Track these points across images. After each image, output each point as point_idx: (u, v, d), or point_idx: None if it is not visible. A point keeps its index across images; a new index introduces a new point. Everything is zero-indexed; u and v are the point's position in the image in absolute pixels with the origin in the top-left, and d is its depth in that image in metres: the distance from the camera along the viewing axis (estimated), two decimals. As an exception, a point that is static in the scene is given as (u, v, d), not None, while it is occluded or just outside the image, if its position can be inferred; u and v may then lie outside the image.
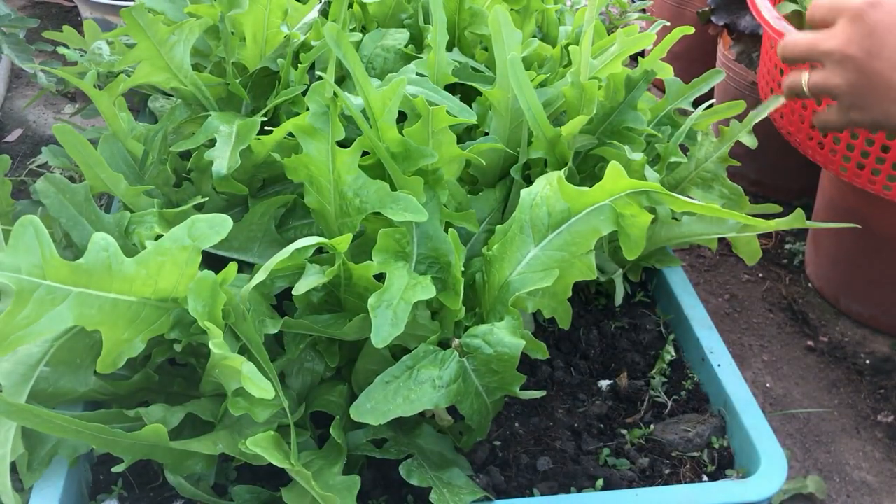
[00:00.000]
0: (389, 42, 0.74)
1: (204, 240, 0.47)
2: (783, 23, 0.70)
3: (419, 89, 0.62)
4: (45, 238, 0.41)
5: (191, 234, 0.46)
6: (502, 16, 0.59)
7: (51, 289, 0.42)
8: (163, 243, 0.46)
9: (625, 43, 0.61)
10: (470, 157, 0.61)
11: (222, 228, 0.47)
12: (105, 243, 0.44)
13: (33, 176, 1.25)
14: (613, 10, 1.37)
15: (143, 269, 0.45)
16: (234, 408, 0.48)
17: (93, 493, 0.59)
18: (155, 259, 0.46)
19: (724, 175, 0.68)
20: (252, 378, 0.45)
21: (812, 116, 0.61)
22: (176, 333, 0.50)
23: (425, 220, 0.53)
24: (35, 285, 0.41)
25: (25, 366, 0.48)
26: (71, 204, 0.57)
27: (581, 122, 0.60)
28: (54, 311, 0.42)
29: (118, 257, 0.44)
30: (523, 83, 0.58)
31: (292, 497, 0.51)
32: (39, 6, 1.76)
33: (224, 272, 0.49)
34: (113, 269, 0.44)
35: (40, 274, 0.41)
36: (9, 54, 0.99)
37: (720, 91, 1.35)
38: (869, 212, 0.99)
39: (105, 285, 0.44)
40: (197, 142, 0.62)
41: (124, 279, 0.45)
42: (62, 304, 0.42)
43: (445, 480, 0.55)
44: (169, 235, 0.46)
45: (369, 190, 0.55)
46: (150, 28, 0.62)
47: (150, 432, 0.49)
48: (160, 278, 0.46)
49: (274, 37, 0.68)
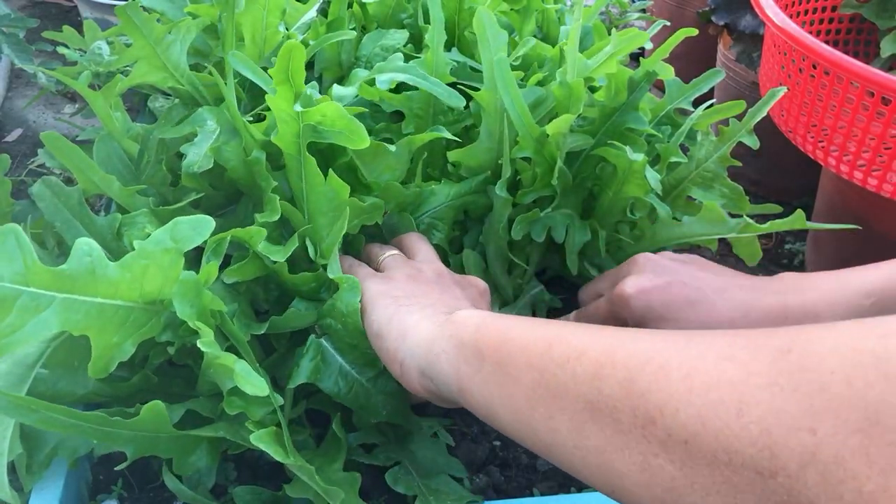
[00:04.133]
0: (389, 42, 0.74)
1: (186, 241, 0.46)
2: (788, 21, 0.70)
3: (407, 76, 0.62)
4: (26, 245, 0.41)
5: (173, 236, 0.46)
6: (486, 17, 0.59)
7: (34, 295, 0.42)
8: (145, 246, 0.46)
9: (619, 42, 0.61)
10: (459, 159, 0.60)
11: (204, 229, 0.47)
12: (88, 248, 0.43)
13: (33, 176, 1.25)
14: (613, 9, 1.37)
15: (128, 273, 0.45)
16: (230, 406, 0.48)
17: (93, 493, 0.59)
18: (138, 262, 0.45)
19: (725, 175, 0.68)
20: (245, 376, 0.45)
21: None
22: (168, 335, 0.50)
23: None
24: (18, 292, 0.41)
25: (22, 366, 0.48)
26: (65, 207, 0.57)
27: (567, 120, 0.59)
28: (39, 317, 0.42)
29: (102, 262, 0.44)
30: (507, 82, 0.58)
31: (297, 491, 0.51)
32: (39, 6, 1.76)
33: (204, 271, 0.49)
34: (97, 273, 0.44)
35: (23, 281, 0.41)
36: (9, 54, 0.99)
37: (720, 91, 1.35)
38: (869, 212, 0.99)
39: (90, 290, 0.44)
40: (182, 131, 0.61)
41: (109, 283, 0.44)
42: (47, 311, 0.42)
43: (433, 487, 0.56)
44: (151, 238, 0.46)
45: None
46: (145, 26, 0.62)
47: (151, 418, 0.48)
48: (145, 281, 0.46)
49: (272, 36, 0.68)
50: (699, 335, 0.33)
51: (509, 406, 0.39)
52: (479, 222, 0.70)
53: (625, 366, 0.34)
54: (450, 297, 0.53)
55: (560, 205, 0.66)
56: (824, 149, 0.93)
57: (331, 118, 0.51)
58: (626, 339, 0.35)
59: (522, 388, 0.38)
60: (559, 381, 0.36)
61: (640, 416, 0.32)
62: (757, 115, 0.66)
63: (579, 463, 0.35)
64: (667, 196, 0.70)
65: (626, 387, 0.33)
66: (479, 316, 0.45)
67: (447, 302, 0.51)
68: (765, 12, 0.95)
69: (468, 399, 0.43)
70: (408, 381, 0.48)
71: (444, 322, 0.46)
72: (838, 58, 0.85)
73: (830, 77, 0.88)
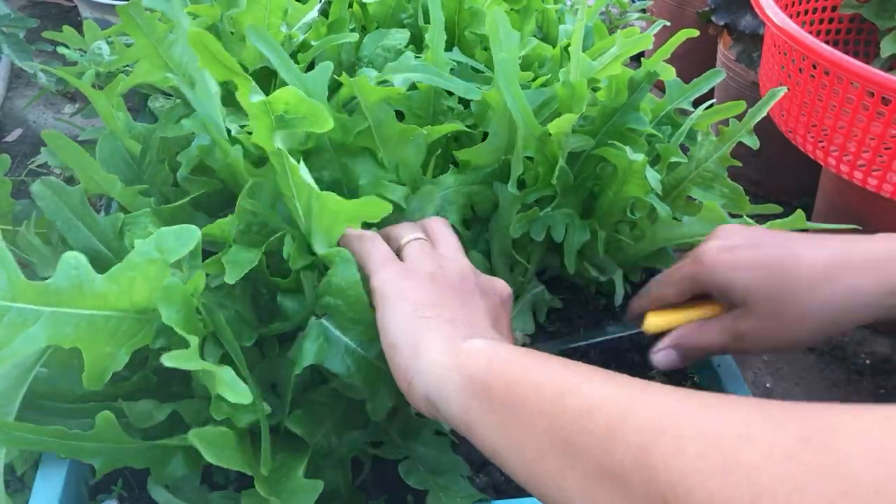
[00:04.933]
0: (390, 42, 0.74)
1: (171, 252, 0.46)
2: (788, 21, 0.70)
3: (422, 75, 0.61)
4: (9, 262, 0.41)
5: (158, 246, 0.46)
6: (500, 17, 0.59)
7: (21, 311, 0.42)
8: (131, 258, 0.45)
9: (625, 44, 0.61)
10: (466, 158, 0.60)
11: (189, 240, 0.47)
12: (75, 262, 0.43)
13: (33, 176, 1.25)
14: (613, 9, 1.37)
15: (115, 286, 0.45)
16: (217, 411, 0.47)
17: (93, 493, 0.59)
18: (125, 275, 0.45)
19: (725, 175, 0.68)
20: (229, 383, 0.44)
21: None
22: (161, 342, 0.49)
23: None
24: (6, 308, 0.41)
25: (20, 369, 0.48)
26: (67, 207, 0.57)
27: (569, 120, 0.60)
28: (27, 332, 0.42)
29: (89, 275, 0.44)
30: (510, 81, 0.58)
31: (251, 501, 0.49)
32: (39, 6, 1.76)
33: (193, 281, 0.48)
34: (84, 287, 0.44)
35: (9, 297, 0.41)
36: (9, 54, 0.99)
37: (720, 91, 1.35)
38: (869, 211, 0.99)
39: (77, 303, 0.44)
40: (182, 130, 0.61)
41: (97, 296, 0.44)
42: (35, 325, 0.42)
43: (442, 484, 0.55)
44: (137, 250, 0.45)
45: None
46: (147, 25, 0.61)
47: (106, 428, 0.47)
48: (133, 293, 0.46)
49: (274, 36, 0.68)
50: (715, 401, 0.32)
51: (517, 453, 0.39)
52: (483, 222, 0.70)
53: (638, 431, 0.33)
54: (471, 310, 0.51)
55: (560, 204, 0.66)
56: (824, 149, 0.93)
57: (294, 104, 0.49)
58: (639, 397, 0.35)
59: (532, 435, 0.38)
60: (570, 434, 0.36)
61: (651, 491, 0.31)
62: (757, 116, 0.66)
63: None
64: (667, 196, 0.70)
65: (638, 456, 0.32)
66: (493, 349, 0.44)
67: (467, 318, 0.49)
68: (765, 12, 0.96)
69: (475, 437, 0.42)
70: (413, 401, 0.47)
71: (458, 351, 0.45)
72: (838, 58, 0.85)
73: (830, 77, 0.88)
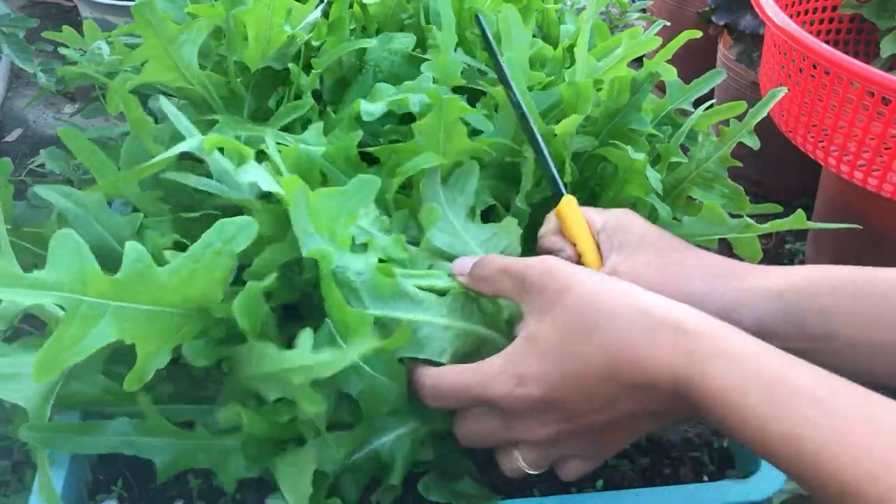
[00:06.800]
0: (396, 45, 0.74)
1: (235, 242, 0.46)
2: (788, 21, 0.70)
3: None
4: (85, 252, 0.40)
5: (222, 237, 0.45)
6: (513, 15, 0.59)
7: (92, 304, 0.41)
8: (194, 250, 0.45)
9: (630, 46, 0.61)
10: (480, 148, 0.59)
11: (251, 230, 0.46)
12: (138, 254, 0.43)
13: (33, 176, 1.25)
14: (613, 9, 1.37)
15: (175, 278, 0.44)
16: (279, 415, 0.47)
17: (93, 493, 0.59)
18: (187, 266, 0.45)
19: (725, 175, 0.68)
20: (307, 393, 0.42)
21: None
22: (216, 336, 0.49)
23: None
24: (76, 302, 0.40)
25: (47, 384, 0.47)
26: (82, 208, 0.55)
27: (575, 120, 0.60)
28: (97, 327, 0.41)
29: (151, 267, 0.43)
30: (516, 80, 0.59)
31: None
32: (39, 6, 1.76)
33: (254, 287, 0.47)
34: (146, 279, 0.43)
35: (80, 290, 0.40)
36: (9, 54, 0.99)
37: (720, 91, 1.35)
38: (869, 211, 0.99)
39: (139, 297, 0.43)
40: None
41: (158, 289, 0.44)
42: (102, 320, 0.41)
43: (460, 492, 0.55)
44: (200, 242, 0.45)
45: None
46: (159, 25, 0.61)
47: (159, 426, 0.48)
48: (190, 286, 0.45)
49: (277, 36, 0.68)
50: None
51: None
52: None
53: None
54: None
55: (562, 204, 0.67)
56: (824, 149, 0.93)
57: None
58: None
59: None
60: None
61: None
62: (757, 116, 0.66)
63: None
64: (667, 196, 0.70)
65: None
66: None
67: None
68: (765, 12, 0.96)
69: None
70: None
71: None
72: (838, 58, 0.85)
73: (830, 77, 0.88)
